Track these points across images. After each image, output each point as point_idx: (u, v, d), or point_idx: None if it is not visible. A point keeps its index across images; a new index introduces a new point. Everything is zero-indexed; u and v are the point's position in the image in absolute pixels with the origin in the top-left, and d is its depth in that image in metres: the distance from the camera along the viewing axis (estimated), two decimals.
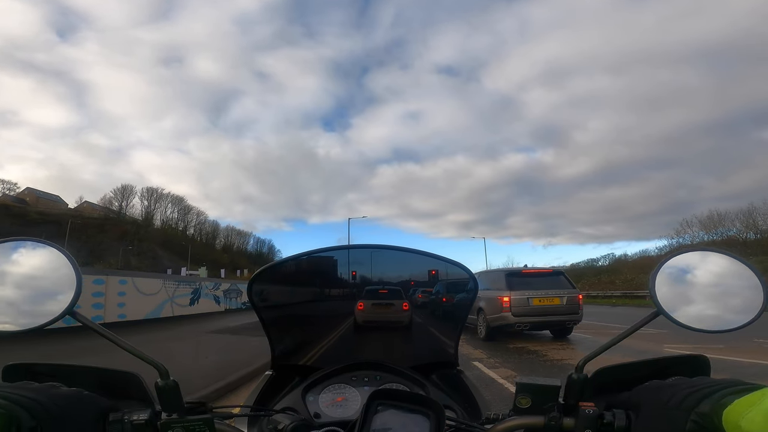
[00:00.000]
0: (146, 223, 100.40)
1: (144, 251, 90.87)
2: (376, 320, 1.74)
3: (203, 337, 11.51)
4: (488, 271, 13.27)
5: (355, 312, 1.68)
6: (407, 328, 1.77)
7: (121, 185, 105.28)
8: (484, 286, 12.51)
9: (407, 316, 1.75)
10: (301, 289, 1.65)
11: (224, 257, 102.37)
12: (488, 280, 12.40)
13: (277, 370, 1.44)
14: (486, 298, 11.82)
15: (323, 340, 1.60)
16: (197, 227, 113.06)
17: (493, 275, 12.38)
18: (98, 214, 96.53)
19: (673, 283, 0.78)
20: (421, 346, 1.76)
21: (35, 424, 0.58)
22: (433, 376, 1.51)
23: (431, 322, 1.76)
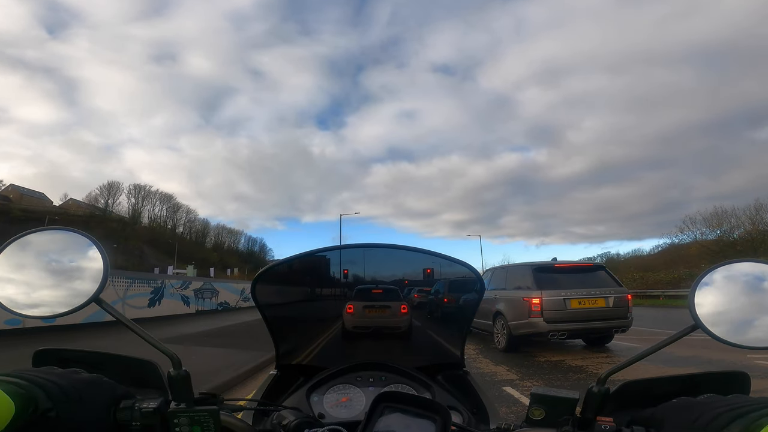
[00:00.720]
0: (133, 221, 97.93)
1: (130, 250, 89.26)
2: (368, 326, 1.70)
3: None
4: (508, 267, 10.82)
5: (343, 316, 1.63)
6: (405, 335, 1.70)
7: (107, 182, 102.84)
8: (501, 285, 10.11)
9: (406, 320, 1.71)
10: (305, 288, 1.65)
11: (214, 256, 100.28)
12: (508, 278, 10.00)
13: (282, 370, 1.45)
14: (506, 299, 9.40)
15: (327, 340, 1.58)
16: (187, 225, 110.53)
17: (516, 271, 9.96)
18: (83, 212, 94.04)
19: (712, 296, 0.74)
20: (425, 347, 1.73)
21: (51, 406, 0.61)
22: (438, 377, 1.49)
23: (432, 325, 1.73)
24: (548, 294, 8.44)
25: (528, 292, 8.78)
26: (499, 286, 10.29)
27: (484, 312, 10.22)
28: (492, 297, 10.11)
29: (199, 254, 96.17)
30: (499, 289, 10.11)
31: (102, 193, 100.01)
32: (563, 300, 8.33)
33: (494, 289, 10.37)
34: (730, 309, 0.72)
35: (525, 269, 9.45)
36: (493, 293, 10.22)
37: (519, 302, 8.82)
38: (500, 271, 10.90)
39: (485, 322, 10.30)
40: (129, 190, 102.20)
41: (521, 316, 8.62)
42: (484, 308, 10.25)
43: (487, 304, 10.02)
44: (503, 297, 9.66)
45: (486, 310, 10.14)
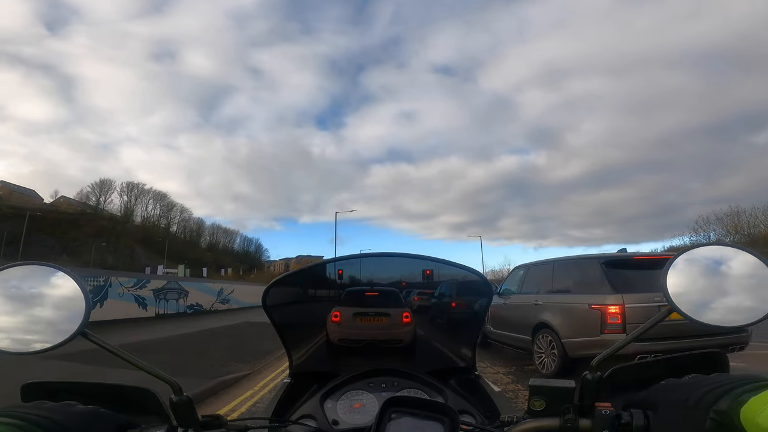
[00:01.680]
0: (125, 220, 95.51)
1: (121, 249, 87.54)
2: (359, 339, 1.60)
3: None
4: (554, 261, 7.73)
5: (327, 325, 1.57)
6: (408, 348, 1.62)
7: (99, 179, 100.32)
8: (545, 287, 7.16)
9: (409, 332, 1.62)
10: (315, 298, 1.62)
11: (208, 255, 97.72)
12: (557, 276, 7.09)
13: (295, 378, 1.45)
14: (558, 307, 6.51)
15: (342, 348, 1.59)
16: (181, 225, 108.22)
17: (571, 267, 7.05)
18: (73, 210, 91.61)
19: (685, 280, 0.77)
20: (435, 353, 1.67)
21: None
22: (451, 381, 1.47)
23: (437, 330, 1.69)
24: (632, 299, 5.49)
25: (597, 296, 5.82)
26: (540, 289, 7.31)
27: (517, 323, 7.50)
28: (529, 303, 7.19)
29: (193, 254, 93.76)
30: (542, 293, 7.12)
31: (93, 190, 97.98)
32: (657, 307, 5.32)
33: (531, 293, 7.44)
34: (702, 291, 0.75)
35: (588, 264, 6.47)
36: (530, 298, 7.30)
37: (583, 311, 5.87)
38: (540, 268, 7.89)
39: (520, 337, 7.36)
40: (121, 188, 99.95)
41: (588, 331, 5.66)
42: (515, 317, 7.67)
43: (521, 312, 7.43)
44: (551, 303, 6.69)
45: (520, 321, 7.41)
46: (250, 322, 15.86)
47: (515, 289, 8.42)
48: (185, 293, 18.11)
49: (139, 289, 15.34)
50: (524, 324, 7.28)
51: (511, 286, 8.80)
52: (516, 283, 8.53)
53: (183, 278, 22.54)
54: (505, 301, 8.49)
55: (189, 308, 18.32)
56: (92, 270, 17.54)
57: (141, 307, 15.25)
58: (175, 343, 10.15)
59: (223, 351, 9.39)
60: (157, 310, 16.21)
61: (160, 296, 16.48)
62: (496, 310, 8.85)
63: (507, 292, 8.78)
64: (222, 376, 6.76)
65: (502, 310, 8.49)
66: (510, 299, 8.37)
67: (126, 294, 14.50)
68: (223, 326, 14.38)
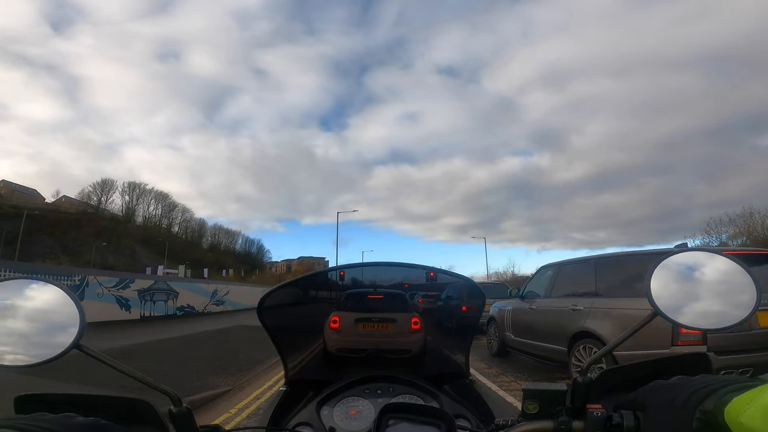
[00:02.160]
0: (126, 220, 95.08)
1: (122, 248, 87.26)
2: (361, 348, 1.54)
3: None
4: (596, 259, 6.45)
5: (325, 333, 1.53)
6: (417, 359, 1.58)
7: (101, 179, 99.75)
8: (588, 289, 6.26)
9: (418, 341, 1.58)
10: (310, 306, 1.59)
11: (209, 256, 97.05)
12: (600, 277, 6.05)
13: (291, 386, 1.43)
14: (607, 313, 5.56)
15: (342, 359, 1.56)
16: (182, 225, 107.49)
17: (625, 264, 5.86)
18: (75, 209, 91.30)
19: (668, 284, 0.79)
20: (433, 359, 1.64)
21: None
22: (445, 386, 1.47)
23: (439, 334, 1.67)
24: None
25: None
26: (579, 291, 6.11)
27: (548, 330, 6.40)
28: (564, 308, 6.04)
29: (194, 255, 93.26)
30: (583, 296, 5.91)
31: (95, 190, 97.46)
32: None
33: (567, 296, 6.25)
34: (684, 295, 0.78)
35: (650, 261, 5.22)
36: (565, 302, 6.13)
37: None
38: (577, 268, 6.69)
39: (552, 347, 6.20)
40: (123, 187, 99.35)
41: (653, 343, 4.45)
42: (545, 324, 6.57)
43: (553, 318, 6.33)
44: (597, 309, 5.47)
45: (552, 328, 6.29)
46: (243, 326, 14.71)
47: (543, 292, 7.22)
48: (175, 294, 16.93)
49: (122, 289, 14.18)
50: (558, 332, 6.11)
51: (536, 288, 7.62)
52: (543, 285, 7.32)
53: (173, 278, 21.38)
54: (530, 306, 7.31)
55: (179, 310, 17.14)
56: (67, 268, 16.34)
57: (124, 308, 14.10)
58: (151, 350, 8.99)
59: (204, 360, 8.21)
60: (143, 312, 15.04)
61: (146, 297, 15.29)
62: (518, 316, 7.74)
63: (531, 296, 7.61)
64: (193, 395, 5.57)
65: (527, 315, 7.36)
66: (536, 303, 7.18)
67: (106, 294, 13.34)
68: (212, 330, 13.21)
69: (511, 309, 8.14)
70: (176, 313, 16.90)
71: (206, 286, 20.48)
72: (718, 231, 45.30)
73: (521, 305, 7.73)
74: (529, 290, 7.82)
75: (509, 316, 8.12)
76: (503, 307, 8.65)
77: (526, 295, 7.77)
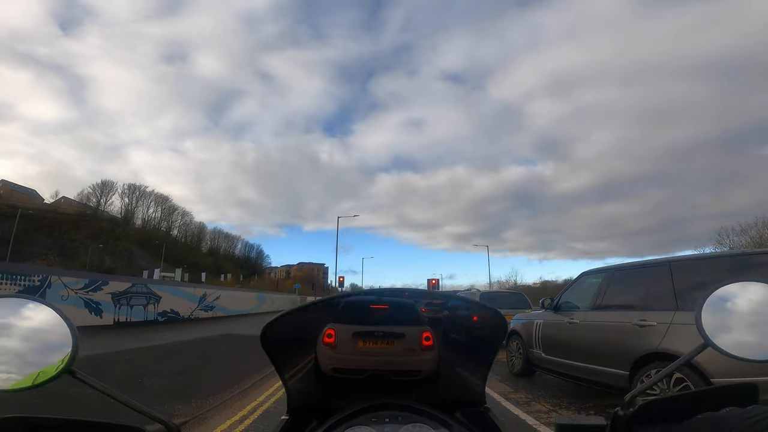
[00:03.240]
0: (125, 222, 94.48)
1: (120, 250, 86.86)
2: (362, 368, 1.37)
3: None
4: (680, 261, 4.98)
5: (317, 349, 1.38)
6: (429, 380, 1.42)
7: (100, 181, 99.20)
8: (659, 301, 4.89)
9: (431, 360, 1.41)
10: (311, 333, 1.44)
11: (208, 260, 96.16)
12: (686, 284, 4.70)
13: (293, 414, 1.35)
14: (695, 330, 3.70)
15: (338, 382, 1.44)
16: (182, 228, 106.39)
17: (716, 268, 4.64)
18: (73, 210, 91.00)
19: (718, 315, 0.80)
20: (445, 381, 1.45)
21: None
22: (457, 413, 1.33)
23: (449, 350, 1.47)
24: None
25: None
26: (642, 302, 4.84)
27: (600, 350, 5.16)
28: (624, 323, 4.85)
29: (193, 258, 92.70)
30: (653, 309, 4.54)
31: (94, 191, 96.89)
32: None
33: (626, 309, 5.05)
34: (735, 326, 0.78)
35: (757, 262, 4.01)
36: (626, 316, 4.92)
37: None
38: (638, 273, 5.34)
39: (605, 370, 5.04)
40: (123, 189, 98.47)
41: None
42: (594, 342, 5.34)
43: (607, 335, 5.11)
44: (682, 324, 4.11)
45: (606, 348, 5.06)
46: (227, 335, 13.24)
47: (586, 303, 5.80)
48: (156, 298, 15.47)
49: (92, 291, 12.70)
50: (615, 352, 4.79)
51: (575, 299, 6.22)
52: (587, 295, 5.90)
53: (156, 282, 19.96)
54: (569, 320, 5.89)
55: (161, 315, 15.69)
56: (25, 267, 14.79)
57: (93, 313, 12.62)
58: (109, 363, 7.54)
59: (169, 377, 6.77)
60: (117, 317, 13.57)
61: (122, 301, 13.83)
62: (552, 331, 6.39)
63: (569, 307, 6.20)
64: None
65: (564, 330, 5.99)
66: (578, 317, 5.76)
67: (72, 297, 11.87)
68: (191, 339, 11.74)
69: (541, 323, 6.74)
70: (158, 319, 15.45)
71: (193, 291, 18.97)
72: (731, 241, 44.34)
73: (555, 318, 6.35)
74: (566, 301, 6.40)
75: (539, 331, 6.73)
76: (529, 320, 7.28)
77: (563, 306, 6.37)
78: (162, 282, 21.70)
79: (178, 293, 17.30)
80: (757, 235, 42.24)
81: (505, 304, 11.98)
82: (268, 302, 33.46)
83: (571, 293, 6.49)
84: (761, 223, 42.17)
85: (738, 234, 43.55)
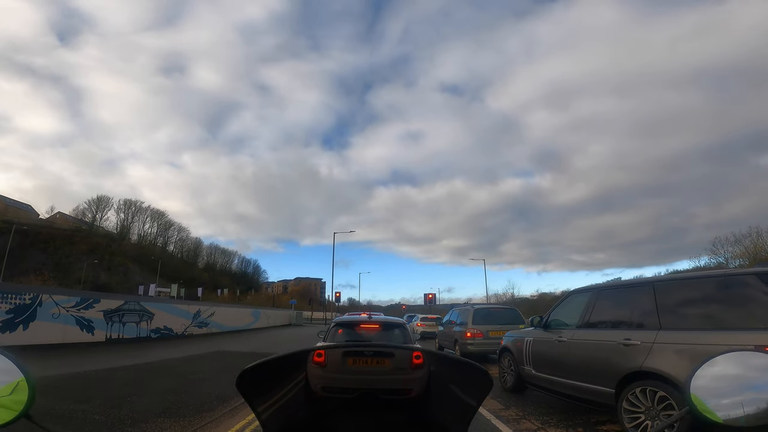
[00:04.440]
0: (120, 237, 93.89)
1: (115, 266, 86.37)
2: (352, 387, 1.34)
3: None
4: (663, 280, 5.14)
5: (307, 370, 1.31)
6: (419, 402, 1.32)
7: (96, 196, 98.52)
8: (643, 319, 4.94)
9: (421, 379, 1.36)
10: (292, 379, 1.43)
11: (204, 276, 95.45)
12: (669, 302, 4.74)
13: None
14: (679, 350, 4.31)
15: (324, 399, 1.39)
16: (178, 244, 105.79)
17: (700, 288, 4.58)
18: (68, 226, 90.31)
19: (710, 384, 0.85)
20: (437, 400, 1.35)
21: None
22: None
23: (446, 370, 1.38)
24: None
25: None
26: (627, 321, 5.04)
27: (587, 368, 5.25)
28: (610, 342, 4.96)
29: (189, 273, 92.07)
30: (639, 328, 4.70)
31: (90, 207, 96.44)
32: None
33: (612, 328, 5.16)
34: (726, 394, 0.84)
35: (736, 282, 4.21)
36: (611, 335, 5.00)
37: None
38: (624, 293, 5.41)
39: (592, 387, 5.14)
40: (119, 205, 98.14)
41: None
42: (582, 360, 5.39)
43: (594, 353, 5.20)
44: (664, 344, 4.26)
45: (593, 365, 5.17)
46: (221, 352, 13.14)
47: (574, 321, 5.84)
48: (149, 315, 15.38)
49: (84, 309, 12.67)
50: (601, 370, 4.85)
51: (564, 317, 6.27)
52: (574, 313, 5.95)
53: (149, 299, 19.83)
54: (557, 338, 5.92)
55: (154, 332, 15.56)
56: (15, 286, 14.73)
57: (85, 330, 12.56)
58: (99, 380, 7.47)
59: (159, 395, 6.71)
60: (109, 333, 13.49)
61: (114, 319, 13.76)
62: (542, 348, 6.42)
63: (558, 325, 6.23)
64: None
65: (554, 348, 6.03)
66: (566, 335, 5.80)
67: (63, 315, 11.84)
68: (184, 356, 11.64)
69: (531, 340, 6.76)
70: (150, 336, 15.32)
71: (187, 307, 18.78)
72: (725, 251, 44.31)
73: (545, 336, 6.39)
74: (555, 319, 6.43)
75: (529, 348, 6.76)
76: (519, 337, 7.29)
77: (552, 324, 6.41)
78: (155, 299, 21.53)
79: (171, 310, 17.16)
80: (752, 245, 42.20)
81: (499, 319, 11.97)
82: (264, 318, 33.21)
83: (559, 311, 6.54)
84: (755, 233, 42.15)
85: (732, 244, 43.51)
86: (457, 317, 13.44)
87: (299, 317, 45.31)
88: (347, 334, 5.41)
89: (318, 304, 74.65)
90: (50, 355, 10.18)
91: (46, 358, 9.75)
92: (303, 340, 17.88)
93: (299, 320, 44.76)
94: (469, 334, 11.79)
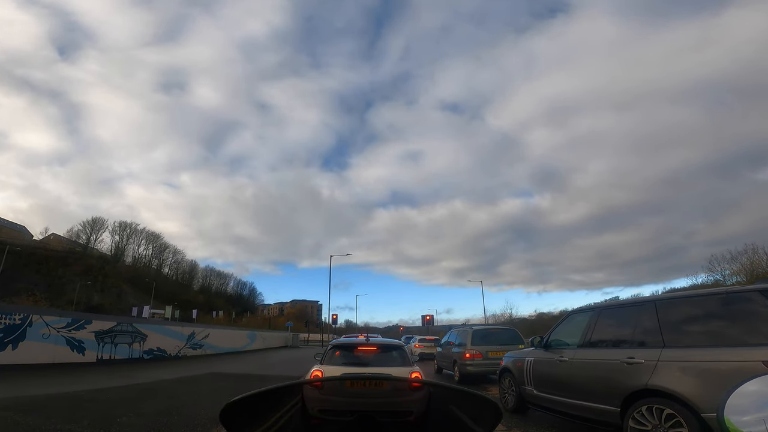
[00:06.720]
0: (115, 259, 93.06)
1: (108, 288, 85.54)
2: (350, 410, 1.32)
3: None
4: (666, 299, 5.07)
5: (303, 393, 1.35)
6: (419, 425, 1.34)
7: (91, 218, 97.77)
8: (646, 338, 4.86)
9: (420, 401, 1.38)
10: (284, 407, 1.40)
11: (199, 298, 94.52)
12: (672, 320, 4.66)
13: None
14: (685, 367, 4.20)
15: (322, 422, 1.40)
16: (173, 266, 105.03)
17: (705, 305, 4.48)
18: (62, 248, 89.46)
19: (740, 407, 0.94)
20: (437, 423, 1.41)
21: None
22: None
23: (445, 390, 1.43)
24: None
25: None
26: (630, 340, 5.00)
27: (590, 387, 5.13)
28: (613, 361, 4.91)
29: (184, 295, 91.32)
30: (641, 347, 4.68)
31: (85, 228, 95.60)
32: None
33: (611, 347, 5.19)
34: (760, 420, 0.85)
35: (741, 299, 4.12)
36: (614, 354, 4.98)
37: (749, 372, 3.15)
38: (626, 312, 5.36)
39: (596, 407, 5.01)
40: (113, 227, 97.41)
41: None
42: (585, 379, 5.28)
43: (597, 372, 5.10)
44: (669, 361, 4.26)
45: (596, 384, 5.06)
46: (214, 373, 12.85)
47: (575, 341, 5.77)
48: (142, 337, 15.10)
49: (75, 330, 12.47)
50: (606, 389, 4.76)
51: (564, 337, 6.21)
52: (575, 333, 5.89)
53: (142, 320, 19.54)
54: (559, 358, 5.84)
55: (147, 353, 15.26)
56: (7, 305, 14.52)
57: (76, 351, 12.32)
58: (87, 401, 7.24)
59: (149, 417, 6.49)
60: (100, 354, 13.22)
61: (106, 340, 13.50)
62: (543, 368, 6.32)
63: (559, 345, 6.16)
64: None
65: (556, 368, 5.93)
66: (568, 354, 5.71)
67: (54, 335, 11.64)
68: (176, 378, 11.38)
69: (532, 360, 6.66)
70: (143, 357, 15.01)
71: (181, 329, 18.47)
72: (721, 268, 44.28)
73: (546, 356, 6.30)
74: (556, 338, 6.36)
75: (530, 368, 6.64)
76: (520, 357, 7.18)
77: (552, 344, 6.33)
78: (148, 321, 21.27)
79: (165, 332, 16.85)
80: (748, 261, 42.24)
81: (498, 340, 11.82)
82: (260, 340, 32.72)
83: (560, 331, 6.47)
84: (751, 250, 42.19)
85: (728, 261, 43.64)
86: (455, 338, 13.30)
87: (295, 339, 44.68)
88: (345, 356, 5.36)
89: (315, 326, 73.72)
90: (39, 375, 9.92)
91: (35, 377, 9.50)
92: (299, 363, 17.55)
93: (295, 342, 44.13)
94: (468, 354, 11.63)
